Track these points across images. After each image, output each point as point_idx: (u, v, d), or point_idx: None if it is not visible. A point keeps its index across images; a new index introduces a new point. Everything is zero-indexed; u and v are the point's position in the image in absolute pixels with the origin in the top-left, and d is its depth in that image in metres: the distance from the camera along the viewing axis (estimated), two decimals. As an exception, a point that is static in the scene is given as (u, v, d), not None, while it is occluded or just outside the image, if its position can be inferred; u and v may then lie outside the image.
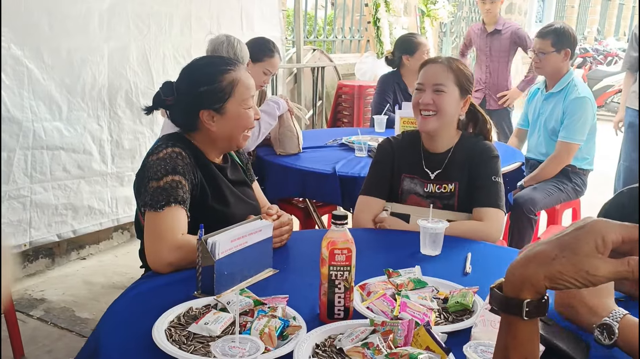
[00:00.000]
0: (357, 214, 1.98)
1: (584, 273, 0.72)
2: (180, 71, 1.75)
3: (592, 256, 0.72)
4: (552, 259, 0.74)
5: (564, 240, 0.74)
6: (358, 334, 1.12)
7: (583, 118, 3.05)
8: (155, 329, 1.17)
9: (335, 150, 3.00)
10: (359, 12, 6.67)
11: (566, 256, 0.73)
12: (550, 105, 3.20)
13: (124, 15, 3.31)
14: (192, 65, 1.74)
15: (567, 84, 3.15)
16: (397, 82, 3.72)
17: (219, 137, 1.69)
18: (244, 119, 1.69)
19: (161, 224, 1.51)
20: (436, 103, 1.90)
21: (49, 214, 3.10)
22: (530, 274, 0.75)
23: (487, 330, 1.12)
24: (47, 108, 2.99)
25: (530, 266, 0.76)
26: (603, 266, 0.72)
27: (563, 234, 0.75)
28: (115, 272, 3.43)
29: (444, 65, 1.92)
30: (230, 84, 1.66)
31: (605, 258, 0.72)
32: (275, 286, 1.45)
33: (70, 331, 2.75)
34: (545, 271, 0.74)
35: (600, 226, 0.73)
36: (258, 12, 4.33)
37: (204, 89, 1.65)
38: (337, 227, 1.24)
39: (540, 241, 0.78)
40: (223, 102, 1.66)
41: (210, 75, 1.67)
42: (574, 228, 0.75)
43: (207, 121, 1.66)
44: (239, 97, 1.67)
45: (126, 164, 3.46)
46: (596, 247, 0.72)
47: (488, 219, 1.85)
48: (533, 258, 0.76)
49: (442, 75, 1.91)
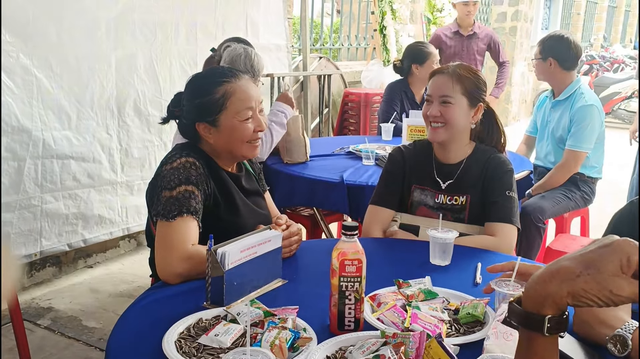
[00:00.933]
0: (366, 224, 1.97)
1: (608, 292, 0.71)
2: (186, 82, 1.76)
3: (617, 276, 0.71)
4: (577, 276, 0.73)
5: (589, 257, 0.73)
6: (369, 346, 1.11)
7: (590, 126, 3.03)
8: (165, 340, 1.16)
9: (343, 158, 3.00)
10: (365, 20, 6.69)
11: (591, 273, 0.72)
12: (557, 113, 3.19)
13: (131, 24, 3.34)
14: (194, 77, 1.75)
15: (573, 92, 3.13)
16: (404, 90, 3.72)
17: (218, 149, 1.69)
18: (239, 132, 1.66)
19: (172, 234, 1.51)
20: (443, 115, 1.89)
21: (60, 223, 3.11)
22: (553, 291, 0.74)
23: (500, 343, 1.11)
24: (56, 117, 3.01)
25: (553, 282, 0.75)
26: (628, 286, 0.71)
27: (587, 251, 0.74)
28: (123, 280, 3.43)
29: (450, 76, 1.90)
30: (222, 96, 1.65)
31: (629, 279, 0.71)
32: (284, 296, 1.44)
33: (78, 340, 2.75)
34: (569, 287, 0.73)
35: (626, 246, 0.72)
36: (263, 20, 4.35)
37: (198, 102, 1.66)
38: (347, 238, 1.24)
39: (563, 256, 0.77)
40: (216, 115, 1.65)
41: (204, 87, 1.67)
42: (599, 246, 0.74)
43: (205, 134, 1.67)
44: (233, 110, 1.65)
45: (136, 173, 3.47)
46: (621, 267, 0.71)
47: (500, 235, 1.83)
48: (556, 274, 0.75)
49: (449, 87, 1.90)
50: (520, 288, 1.37)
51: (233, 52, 2.68)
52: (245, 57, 2.65)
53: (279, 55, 4.66)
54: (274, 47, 4.57)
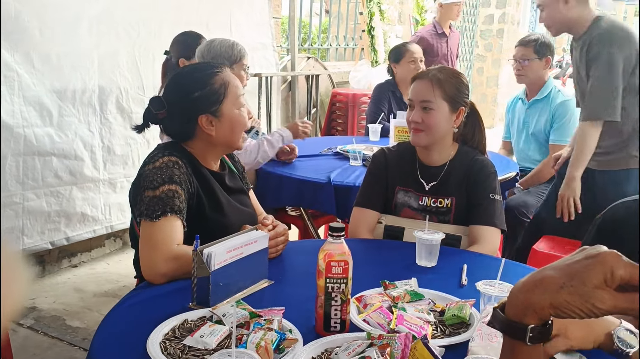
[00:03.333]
0: (352, 227, 1.97)
1: (590, 304, 0.70)
2: (166, 84, 1.75)
3: (600, 288, 0.70)
4: (560, 287, 0.72)
5: (574, 269, 0.72)
6: (355, 347, 1.11)
7: (572, 119, 3.13)
8: (150, 341, 1.15)
9: (330, 159, 2.99)
10: (354, 21, 6.69)
11: (574, 285, 0.71)
12: (536, 113, 3.28)
13: (113, 21, 3.31)
14: (179, 74, 1.74)
15: (550, 91, 3.25)
16: (392, 90, 3.72)
17: (218, 141, 1.69)
18: (240, 120, 1.69)
19: (157, 234, 1.50)
20: (425, 121, 1.89)
21: (42, 221, 3.07)
22: (535, 301, 0.73)
23: (485, 344, 1.11)
24: (37, 114, 2.98)
25: (536, 292, 0.74)
26: (609, 299, 0.70)
27: (573, 260, 0.74)
28: (107, 280, 3.40)
29: (430, 81, 1.88)
30: (222, 85, 1.67)
31: (612, 291, 0.71)
32: (270, 297, 1.43)
33: (61, 340, 2.72)
34: (551, 298, 0.72)
35: (611, 259, 0.71)
36: (248, 18, 4.34)
37: (198, 94, 1.65)
38: (333, 239, 1.24)
39: (549, 265, 0.76)
40: (219, 105, 1.66)
41: (200, 79, 1.67)
42: (584, 256, 0.73)
43: (207, 126, 1.66)
44: (232, 98, 1.68)
45: (118, 170, 3.44)
46: (605, 280, 0.70)
47: (483, 239, 1.83)
48: (540, 284, 0.74)
49: (428, 92, 1.88)
50: (507, 291, 1.37)
51: (213, 47, 2.58)
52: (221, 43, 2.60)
53: (265, 54, 4.65)
54: (259, 46, 4.56)
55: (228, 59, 2.54)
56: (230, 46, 2.59)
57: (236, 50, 2.60)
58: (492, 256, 1.81)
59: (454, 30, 5.16)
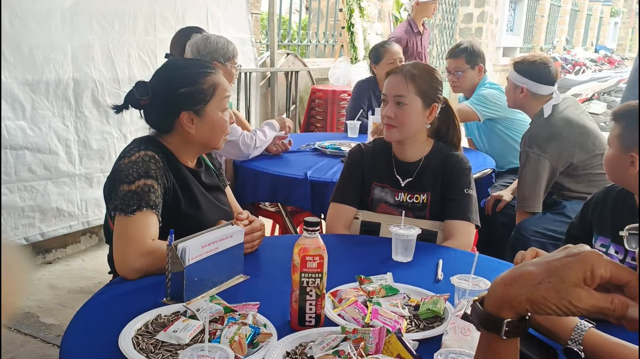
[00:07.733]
0: (329, 222, 1.97)
1: (567, 302, 0.70)
2: (155, 72, 1.72)
3: (579, 287, 0.70)
4: (538, 283, 0.72)
5: (554, 265, 0.72)
6: (329, 342, 1.11)
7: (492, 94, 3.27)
8: (122, 337, 1.14)
9: (308, 155, 2.99)
10: (333, 18, 6.69)
11: (552, 282, 0.71)
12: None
13: (87, 14, 3.25)
14: (170, 66, 1.73)
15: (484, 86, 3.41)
16: (372, 89, 3.73)
17: (196, 139, 1.67)
18: (221, 123, 1.68)
19: (131, 229, 1.48)
20: (398, 117, 1.89)
21: (15, 216, 3.02)
22: (513, 295, 0.74)
23: (458, 337, 1.12)
24: (9, 107, 2.92)
25: (514, 286, 0.74)
26: (587, 298, 0.70)
27: (554, 258, 0.73)
28: (83, 277, 3.35)
29: (404, 76, 1.89)
30: (211, 86, 1.65)
31: (590, 290, 0.70)
32: (246, 292, 1.43)
33: (35, 337, 2.68)
34: (528, 293, 0.72)
35: (592, 258, 0.71)
36: (224, 13, 4.30)
37: (184, 90, 1.63)
38: (309, 234, 1.23)
39: (530, 261, 0.76)
40: (204, 104, 1.64)
41: (190, 76, 1.65)
42: (566, 254, 0.73)
43: (187, 123, 1.64)
44: (219, 100, 1.67)
45: (95, 165, 3.39)
46: (584, 278, 0.70)
47: (458, 234, 1.85)
48: (518, 278, 0.74)
49: (402, 87, 1.89)
50: (481, 285, 1.39)
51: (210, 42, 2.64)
52: (207, 40, 2.63)
53: (244, 49, 4.62)
54: (237, 41, 4.49)
55: (223, 56, 2.65)
56: (226, 43, 2.69)
57: (231, 47, 2.70)
58: (468, 251, 1.82)
59: (427, 27, 5.24)
